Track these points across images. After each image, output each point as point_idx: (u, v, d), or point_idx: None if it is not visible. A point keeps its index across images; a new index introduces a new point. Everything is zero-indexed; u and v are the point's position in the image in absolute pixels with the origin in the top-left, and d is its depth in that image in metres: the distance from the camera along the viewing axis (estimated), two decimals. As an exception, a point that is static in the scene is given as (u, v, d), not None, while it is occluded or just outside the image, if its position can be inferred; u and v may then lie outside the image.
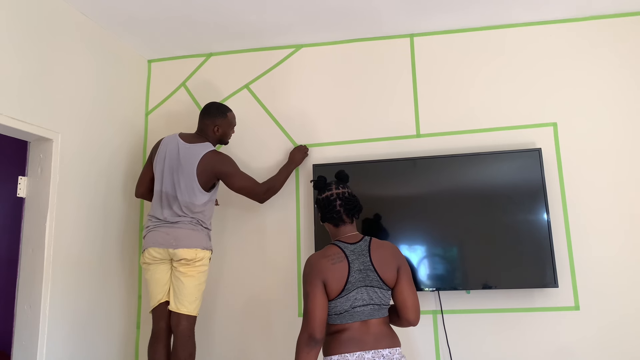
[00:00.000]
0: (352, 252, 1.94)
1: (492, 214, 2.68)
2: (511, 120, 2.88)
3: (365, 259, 1.93)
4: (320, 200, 2.07)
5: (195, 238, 2.54)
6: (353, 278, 1.89)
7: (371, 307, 1.90)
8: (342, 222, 2.02)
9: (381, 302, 1.92)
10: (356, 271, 1.90)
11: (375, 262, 1.93)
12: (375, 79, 3.06)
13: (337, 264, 1.89)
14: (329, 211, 2.02)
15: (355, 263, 1.91)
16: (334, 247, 1.96)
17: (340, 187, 2.06)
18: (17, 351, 2.31)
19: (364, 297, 1.89)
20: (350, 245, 1.96)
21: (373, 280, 1.91)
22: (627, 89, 2.81)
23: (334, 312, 1.89)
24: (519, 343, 2.67)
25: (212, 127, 2.72)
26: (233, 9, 2.72)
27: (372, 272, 1.92)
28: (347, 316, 1.88)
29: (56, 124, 2.47)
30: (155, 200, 2.64)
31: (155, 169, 2.66)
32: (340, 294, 1.87)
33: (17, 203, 2.55)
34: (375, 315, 1.91)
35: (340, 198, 2.02)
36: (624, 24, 2.86)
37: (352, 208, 2.03)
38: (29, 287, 2.35)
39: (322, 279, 1.87)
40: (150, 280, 2.59)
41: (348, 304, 1.87)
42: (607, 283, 2.65)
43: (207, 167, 2.58)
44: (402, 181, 2.80)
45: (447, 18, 2.89)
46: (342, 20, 2.87)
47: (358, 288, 1.89)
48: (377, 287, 1.91)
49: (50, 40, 2.47)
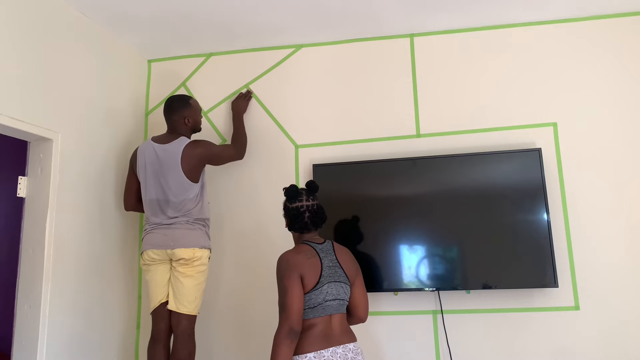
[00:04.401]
0: (321, 250, 2.10)
1: (492, 214, 2.68)
2: (511, 120, 2.88)
3: (332, 257, 2.10)
4: (290, 209, 2.19)
5: (193, 237, 2.54)
6: (325, 272, 2.03)
7: (338, 301, 2.04)
8: (308, 231, 2.18)
9: (345, 297, 2.08)
10: (327, 267, 2.05)
11: (340, 260, 2.12)
12: (375, 79, 3.06)
13: (310, 258, 2.03)
14: (298, 222, 2.16)
15: (325, 260, 2.07)
16: (305, 245, 2.11)
17: (310, 198, 2.18)
18: (17, 351, 2.31)
19: (333, 292, 2.03)
20: (318, 245, 2.12)
21: (340, 276, 2.07)
22: (627, 89, 2.81)
23: (308, 306, 1.98)
24: (519, 343, 2.67)
25: (182, 121, 2.71)
26: (233, 9, 2.72)
27: (339, 268, 2.09)
28: (320, 309, 1.99)
29: (56, 124, 2.47)
30: (146, 208, 2.64)
31: (139, 178, 2.67)
32: (315, 286, 1.98)
33: (17, 203, 2.54)
34: (340, 310, 2.06)
35: (309, 210, 2.15)
36: (624, 24, 2.86)
37: (319, 220, 2.18)
38: (29, 287, 2.35)
39: (300, 272, 1.98)
40: (150, 281, 2.59)
41: (321, 297, 1.99)
42: (607, 283, 2.65)
43: (192, 159, 2.59)
44: (402, 181, 2.80)
45: (447, 18, 2.89)
46: (342, 20, 2.87)
47: (329, 282, 2.02)
48: (343, 283, 2.08)
49: (50, 40, 2.47)
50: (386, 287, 2.73)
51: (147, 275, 2.61)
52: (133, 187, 2.75)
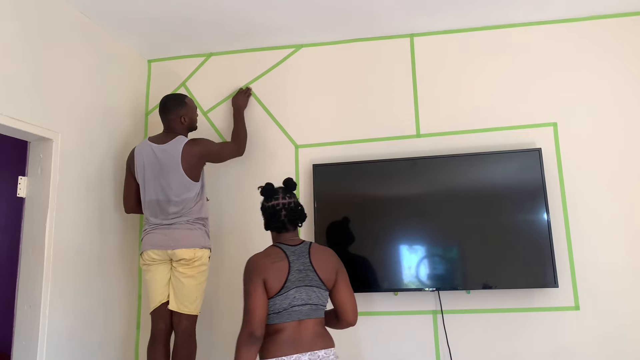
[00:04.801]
0: (292, 253, 2.01)
1: (492, 214, 2.68)
2: (511, 120, 2.88)
3: (305, 260, 2.00)
4: (266, 208, 2.12)
5: (194, 237, 2.54)
6: (293, 277, 1.95)
7: (309, 307, 1.96)
8: (285, 230, 2.09)
9: (319, 302, 1.99)
10: (296, 271, 1.96)
11: (314, 263, 2.00)
12: (375, 79, 3.06)
13: (277, 262, 1.96)
14: (274, 220, 2.08)
15: (296, 263, 1.98)
16: (275, 247, 2.04)
17: (287, 196, 2.11)
18: (17, 351, 2.31)
19: (302, 297, 1.95)
20: (291, 247, 2.04)
21: (312, 280, 1.98)
22: (627, 89, 2.81)
23: (273, 311, 1.94)
24: (519, 343, 2.67)
25: (178, 120, 2.71)
26: (233, 9, 2.72)
27: (311, 272, 1.99)
28: (285, 315, 1.93)
29: (56, 124, 2.47)
30: (146, 210, 2.64)
31: (138, 180, 2.66)
32: (279, 291, 1.92)
33: (17, 203, 2.54)
34: (312, 315, 1.97)
35: (285, 208, 2.08)
36: (624, 24, 2.86)
37: (297, 218, 2.10)
38: (29, 287, 2.35)
39: (263, 277, 1.92)
40: (150, 281, 2.59)
41: (287, 302, 1.93)
42: (607, 283, 2.65)
43: (192, 158, 2.59)
44: (402, 181, 2.80)
45: (447, 18, 2.89)
46: (342, 20, 2.87)
47: (297, 287, 1.95)
48: (315, 287, 1.98)
49: (50, 40, 2.47)
50: (386, 287, 2.73)
51: (147, 275, 2.61)
52: (132, 189, 2.74)
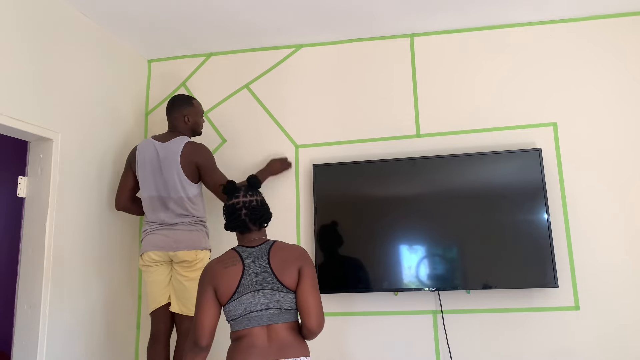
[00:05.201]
0: (249, 256, 1.89)
1: (492, 214, 2.68)
2: (511, 120, 2.88)
3: (263, 262, 1.87)
4: (225, 207, 1.97)
5: (195, 239, 2.54)
6: (247, 281, 1.83)
7: (270, 311, 1.82)
8: (248, 230, 1.95)
9: (281, 306, 1.83)
10: (251, 274, 1.84)
11: (273, 265, 1.86)
12: (375, 79, 3.06)
13: (229, 267, 1.85)
14: (234, 220, 1.94)
15: (252, 266, 1.86)
16: (231, 251, 1.93)
17: (248, 194, 1.96)
18: (17, 351, 2.31)
19: (261, 301, 1.82)
20: (249, 248, 1.91)
21: (270, 283, 1.84)
22: (627, 89, 2.81)
23: (230, 318, 1.84)
24: (519, 343, 2.67)
25: (182, 119, 2.70)
26: (233, 9, 2.72)
27: (269, 274, 1.85)
28: (244, 321, 1.82)
29: (56, 124, 2.47)
30: (147, 207, 2.62)
31: (138, 177, 2.65)
32: (232, 297, 1.82)
33: (17, 203, 2.54)
34: (276, 320, 1.83)
35: (246, 207, 1.93)
36: (624, 24, 2.86)
37: (259, 217, 1.95)
38: (29, 287, 2.35)
39: (213, 285, 1.83)
40: (150, 282, 2.59)
41: (242, 308, 1.82)
42: (607, 283, 2.65)
43: (189, 158, 2.57)
44: (402, 181, 2.80)
45: (447, 18, 2.89)
46: (342, 20, 2.87)
47: (254, 291, 1.82)
48: (275, 290, 1.83)
49: (50, 40, 2.47)
50: (386, 287, 2.73)
51: (147, 277, 2.61)
52: (128, 185, 2.72)
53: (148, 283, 2.60)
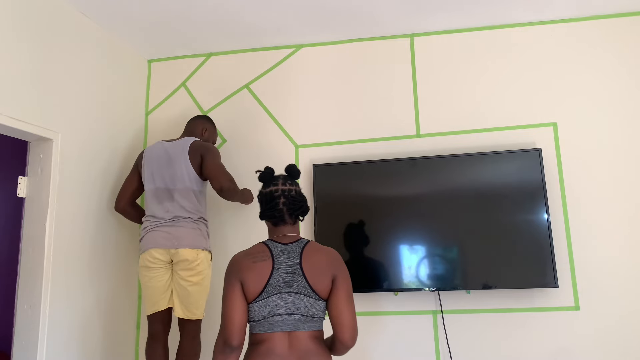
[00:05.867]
0: (280, 253, 1.73)
1: (492, 214, 2.68)
2: (511, 120, 2.88)
3: (295, 262, 1.71)
4: (263, 194, 1.83)
5: (197, 238, 2.53)
6: (275, 281, 1.68)
7: (295, 317, 1.68)
8: (283, 222, 1.80)
9: (308, 312, 1.69)
10: (281, 274, 1.69)
11: (305, 267, 1.70)
12: (376, 79, 3.06)
13: (258, 262, 1.70)
14: (270, 208, 1.79)
15: (281, 265, 1.70)
16: (261, 245, 1.77)
17: (287, 183, 1.82)
18: (17, 351, 2.31)
19: (287, 305, 1.67)
20: (281, 245, 1.75)
21: (300, 287, 1.68)
22: (627, 89, 2.81)
23: (253, 319, 1.70)
24: (519, 343, 2.67)
25: (200, 127, 2.82)
26: (233, 9, 2.72)
27: (300, 277, 1.69)
28: (267, 324, 1.67)
29: (56, 124, 2.47)
30: (150, 199, 2.62)
31: (144, 174, 2.66)
32: (258, 297, 1.68)
33: (17, 203, 2.55)
34: (300, 328, 1.68)
35: (285, 196, 1.79)
36: (624, 24, 2.86)
37: (297, 208, 1.81)
38: (29, 287, 2.35)
39: (240, 278, 1.68)
40: (149, 287, 2.54)
41: (267, 310, 1.67)
42: (607, 283, 2.65)
43: (197, 151, 2.62)
44: (402, 181, 2.80)
45: (447, 18, 2.89)
46: (342, 20, 2.87)
47: (281, 293, 1.68)
48: (304, 295, 1.68)
49: (50, 40, 2.47)
50: (386, 287, 2.73)
51: (146, 281, 2.55)
52: (131, 186, 2.73)
53: (147, 287, 2.56)
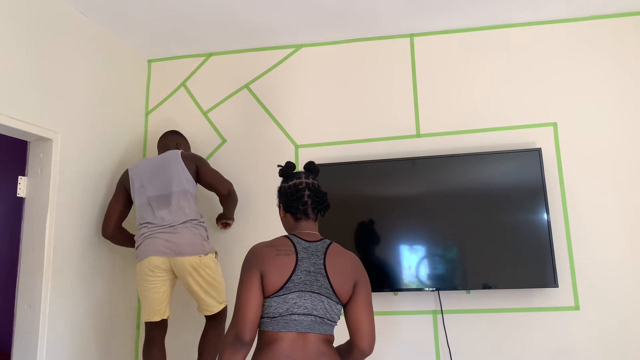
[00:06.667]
0: (304, 250, 1.66)
1: (492, 214, 2.68)
2: (511, 120, 2.88)
3: (318, 261, 1.65)
4: (285, 187, 1.78)
5: (198, 245, 2.50)
6: (297, 277, 1.61)
7: (312, 318, 1.61)
8: (305, 217, 1.75)
9: (325, 315, 1.63)
10: (303, 271, 1.62)
11: (329, 268, 1.65)
12: (375, 78, 3.06)
13: (282, 256, 1.63)
14: (296, 200, 1.73)
15: (305, 262, 1.64)
16: (284, 238, 1.70)
17: (310, 177, 1.80)
18: (17, 351, 2.31)
19: (306, 304, 1.61)
20: (305, 242, 1.69)
21: (322, 287, 1.62)
22: (627, 89, 2.81)
23: (267, 315, 1.61)
24: (519, 343, 2.67)
25: (175, 142, 2.85)
26: (233, 9, 2.72)
27: (323, 277, 1.63)
28: (282, 323, 1.60)
29: (56, 124, 2.47)
30: (144, 209, 2.57)
31: (133, 189, 2.62)
32: (277, 292, 1.60)
33: (17, 203, 2.54)
34: (315, 330, 1.62)
35: (309, 188, 1.75)
36: (624, 24, 2.86)
37: (321, 202, 1.76)
38: (28, 287, 2.35)
39: (261, 269, 1.60)
40: (147, 297, 2.50)
41: (285, 307, 1.60)
42: (607, 283, 2.65)
43: (190, 160, 2.66)
44: (402, 181, 2.80)
45: (447, 18, 2.89)
46: (342, 20, 2.87)
47: (301, 292, 1.61)
48: (325, 296, 1.62)
49: (50, 40, 2.47)
50: (386, 287, 2.73)
51: (145, 291, 2.50)
52: (117, 208, 2.66)
53: (145, 297, 2.51)
